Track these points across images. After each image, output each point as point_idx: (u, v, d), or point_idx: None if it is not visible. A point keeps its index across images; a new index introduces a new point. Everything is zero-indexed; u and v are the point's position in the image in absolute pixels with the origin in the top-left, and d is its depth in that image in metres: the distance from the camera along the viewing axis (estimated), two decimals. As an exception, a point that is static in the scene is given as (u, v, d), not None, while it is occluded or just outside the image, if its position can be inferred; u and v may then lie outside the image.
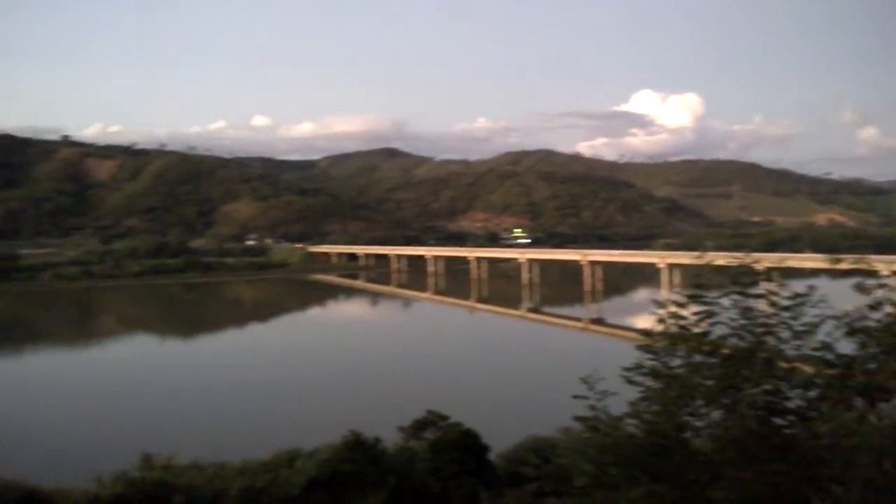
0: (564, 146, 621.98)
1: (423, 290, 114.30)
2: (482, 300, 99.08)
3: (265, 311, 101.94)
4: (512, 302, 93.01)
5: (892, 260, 60.77)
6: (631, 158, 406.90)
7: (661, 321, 6.97)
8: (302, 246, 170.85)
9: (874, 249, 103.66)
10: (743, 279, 6.97)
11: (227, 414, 37.43)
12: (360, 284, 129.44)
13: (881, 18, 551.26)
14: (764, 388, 6.51)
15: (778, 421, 6.49)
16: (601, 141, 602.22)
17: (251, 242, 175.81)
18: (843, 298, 7.30)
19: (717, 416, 6.54)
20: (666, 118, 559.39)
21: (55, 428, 34.97)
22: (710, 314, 6.86)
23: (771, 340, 6.64)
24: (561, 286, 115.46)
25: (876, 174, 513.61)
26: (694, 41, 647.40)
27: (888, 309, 7.11)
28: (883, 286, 7.37)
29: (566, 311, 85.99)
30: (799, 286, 7.05)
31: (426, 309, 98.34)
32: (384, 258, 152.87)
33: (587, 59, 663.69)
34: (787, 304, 6.78)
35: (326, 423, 26.76)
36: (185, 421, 35.80)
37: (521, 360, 54.32)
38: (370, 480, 16.95)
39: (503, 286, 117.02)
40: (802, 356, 6.69)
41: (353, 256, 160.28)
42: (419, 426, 19.41)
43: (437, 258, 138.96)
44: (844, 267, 10.89)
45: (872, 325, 6.92)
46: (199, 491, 16.50)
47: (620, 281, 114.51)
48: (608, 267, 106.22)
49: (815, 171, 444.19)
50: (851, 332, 6.91)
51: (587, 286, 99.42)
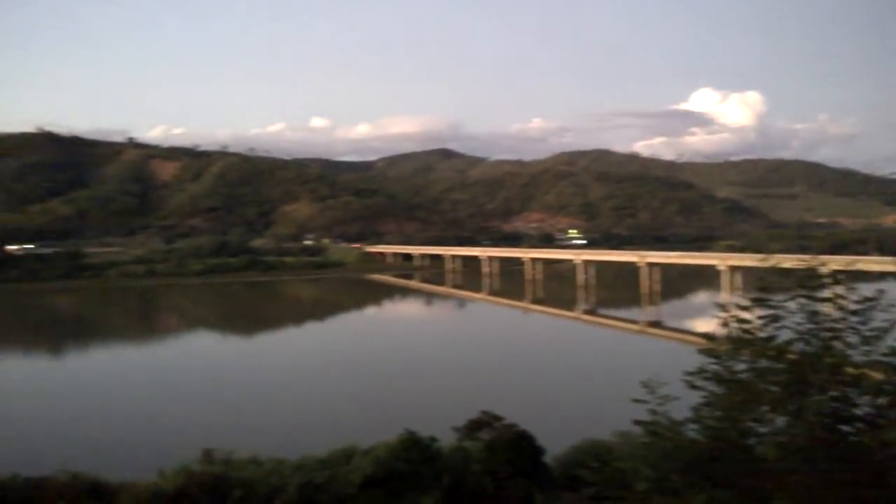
0: (621, 146, 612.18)
1: (477, 290, 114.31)
2: (537, 301, 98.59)
3: (323, 309, 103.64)
4: (567, 303, 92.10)
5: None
6: (690, 158, 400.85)
7: (724, 325, 6.88)
8: (358, 246, 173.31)
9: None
10: (809, 282, 6.81)
11: (286, 410, 38.15)
12: (414, 284, 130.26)
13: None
14: (831, 394, 6.38)
15: (845, 428, 6.34)
16: (659, 140, 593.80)
17: (309, 242, 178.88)
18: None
19: (781, 422, 6.44)
20: (727, 117, 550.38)
21: (122, 422, 36.25)
22: (775, 318, 6.74)
23: (838, 345, 6.49)
24: (617, 288, 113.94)
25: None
26: (756, 39, 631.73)
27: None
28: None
29: (622, 313, 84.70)
30: (867, 290, 6.87)
31: (480, 309, 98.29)
32: (439, 258, 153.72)
33: (645, 57, 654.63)
34: (855, 308, 6.61)
35: (382, 421, 27.07)
36: (244, 416, 36.60)
37: (575, 362, 53.90)
38: (425, 480, 17.03)
39: (558, 287, 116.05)
40: (871, 362, 6.48)
41: (408, 257, 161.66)
42: (474, 426, 19.37)
43: (491, 259, 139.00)
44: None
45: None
46: (257, 486, 16.80)
47: (679, 284, 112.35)
48: (666, 269, 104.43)
49: (881, 171, 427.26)
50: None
51: (644, 288, 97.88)
